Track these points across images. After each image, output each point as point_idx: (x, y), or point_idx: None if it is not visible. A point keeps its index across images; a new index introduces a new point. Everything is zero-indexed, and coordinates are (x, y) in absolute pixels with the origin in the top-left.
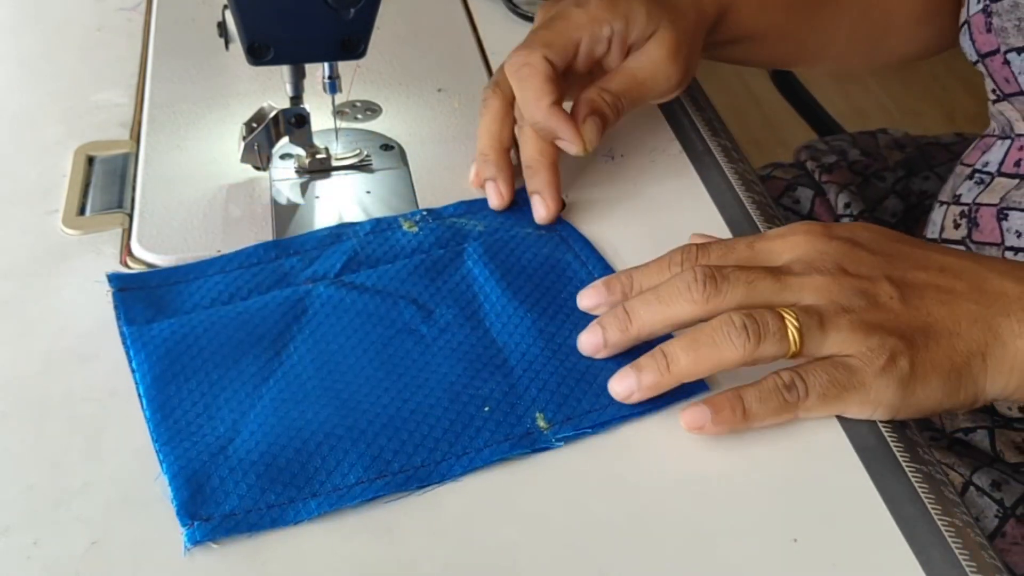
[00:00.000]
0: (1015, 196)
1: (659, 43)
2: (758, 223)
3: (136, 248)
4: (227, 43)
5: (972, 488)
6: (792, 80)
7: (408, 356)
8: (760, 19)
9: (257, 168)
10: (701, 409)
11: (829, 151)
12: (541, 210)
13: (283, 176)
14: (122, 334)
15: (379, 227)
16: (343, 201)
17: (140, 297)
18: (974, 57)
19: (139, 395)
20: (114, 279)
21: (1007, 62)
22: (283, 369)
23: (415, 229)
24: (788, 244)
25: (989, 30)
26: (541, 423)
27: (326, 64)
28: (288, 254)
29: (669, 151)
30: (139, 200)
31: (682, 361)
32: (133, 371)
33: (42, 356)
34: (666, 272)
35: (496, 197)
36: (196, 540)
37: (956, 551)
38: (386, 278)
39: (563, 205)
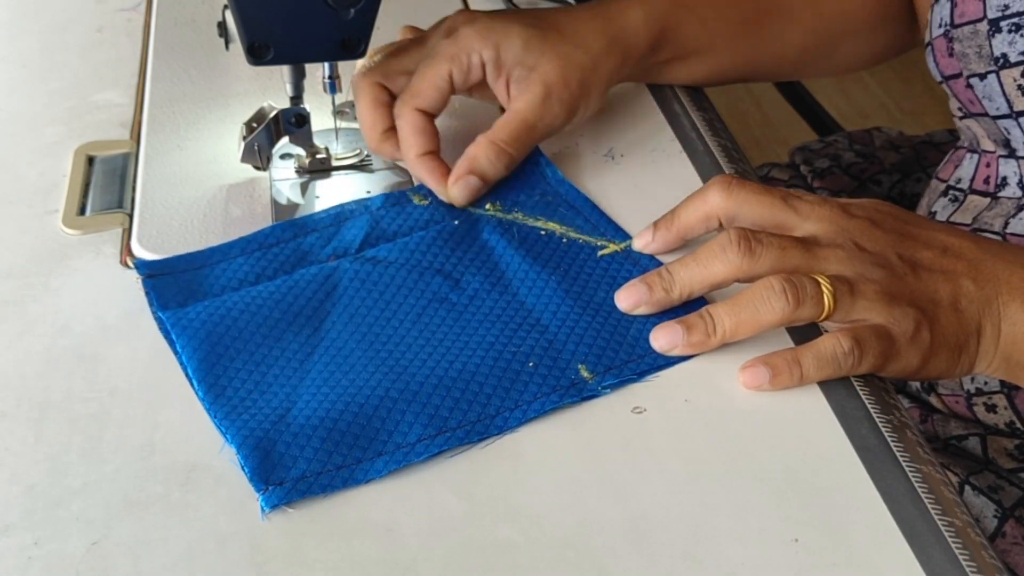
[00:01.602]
0: (986, 217)
1: (539, 79)
2: None
3: (136, 248)
4: (227, 43)
5: (969, 488)
6: (792, 80)
7: (444, 323)
8: (704, 34)
9: (257, 168)
10: (760, 370)
11: (823, 154)
12: (437, 189)
13: (283, 176)
14: (158, 319)
15: (389, 201)
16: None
17: (169, 283)
18: (938, 78)
19: (188, 376)
20: (142, 266)
21: (970, 86)
22: (325, 343)
23: (425, 202)
24: (814, 211)
25: (951, 54)
26: (585, 374)
27: (326, 64)
28: (305, 232)
29: (669, 151)
30: (139, 200)
31: (726, 323)
32: (177, 353)
33: (42, 356)
34: (701, 202)
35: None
36: (273, 504)
37: (956, 551)
38: (407, 251)
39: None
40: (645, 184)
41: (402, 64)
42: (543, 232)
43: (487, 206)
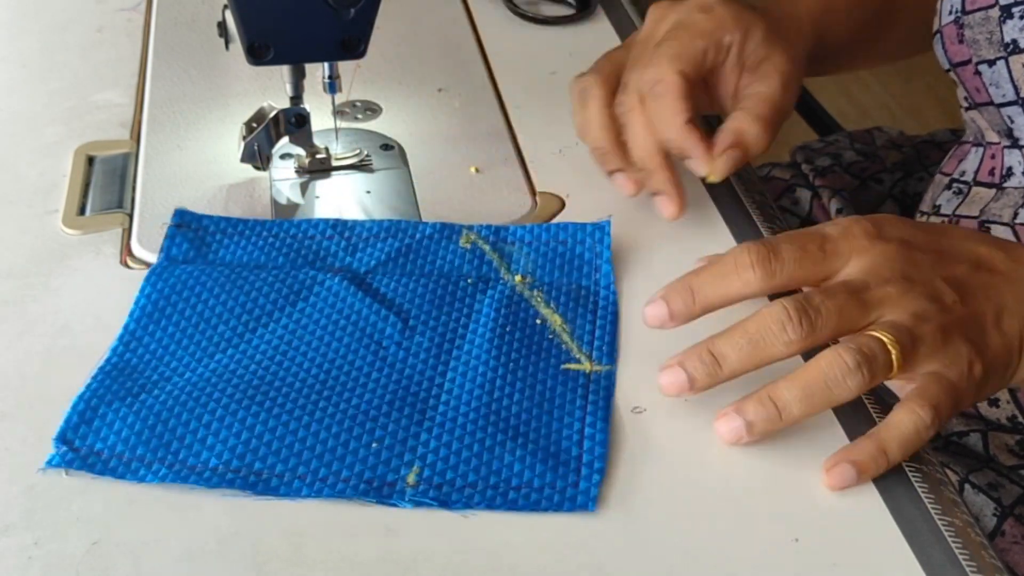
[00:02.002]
0: (994, 208)
1: (776, 69)
2: (758, 223)
3: (136, 248)
4: (227, 43)
5: (968, 486)
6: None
7: (352, 371)
8: (842, 33)
9: (257, 168)
10: (847, 469)
11: (824, 153)
12: (670, 208)
13: (283, 176)
14: (151, 269)
15: (439, 234)
16: (343, 201)
17: (188, 236)
18: (946, 65)
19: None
20: (178, 214)
21: (978, 73)
22: (243, 347)
23: (467, 246)
24: (853, 247)
25: (961, 41)
26: (411, 478)
27: (326, 64)
28: (342, 236)
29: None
30: (139, 200)
31: (795, 410)
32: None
33: (42, 356)
34: (737, 282)
35: (629, 185)
36: (51, 464)
37: (956, 551)
38: (400, 292)
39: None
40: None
41: (688, 38)
42: (538, 321)
43: (517, 277)
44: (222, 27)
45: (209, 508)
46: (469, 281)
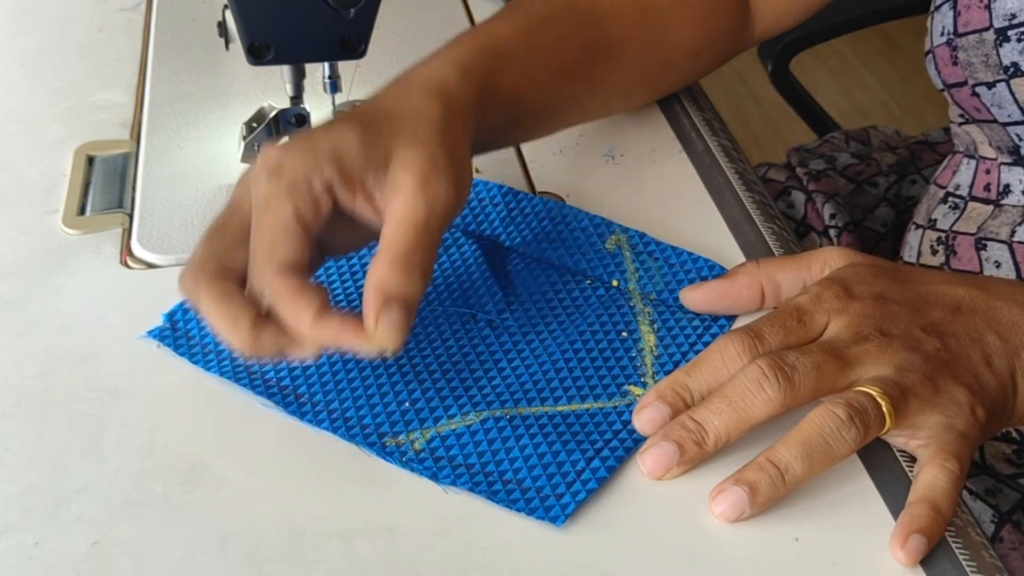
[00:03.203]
0: (992, 226)
1: (404, 171)
2: (758, 223)
3: (136, 248)
4: (227, 43)
5: (966, 492)
6: (792, 79)
7: (432, 325)
8: (529, 84)
9: None
10: (916, 538)
11: (819, 155)
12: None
13: None
14: None
15: (592, 229)
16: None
17: None
18: (940, 86)
19: None
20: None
21: (976, 94)
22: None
23: (612, 248)
24: (827, 309)
25: (955, 63)
26: (416, 444)
27: (326, 64)
28: (507, 206)
29: (669, 151)
30: (139, 200)
31: (798, 470)
32: None
33: (42, 356)
34: (721, 367)
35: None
36: (152, 335)
37: (956, 551)
38: (522, 276)
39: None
40: (645, 184)
41: (228, 237)
42: (631, 334)
43: (638, 292)
44: (222, 27)
45: (209, 508)
46: (588, 282)
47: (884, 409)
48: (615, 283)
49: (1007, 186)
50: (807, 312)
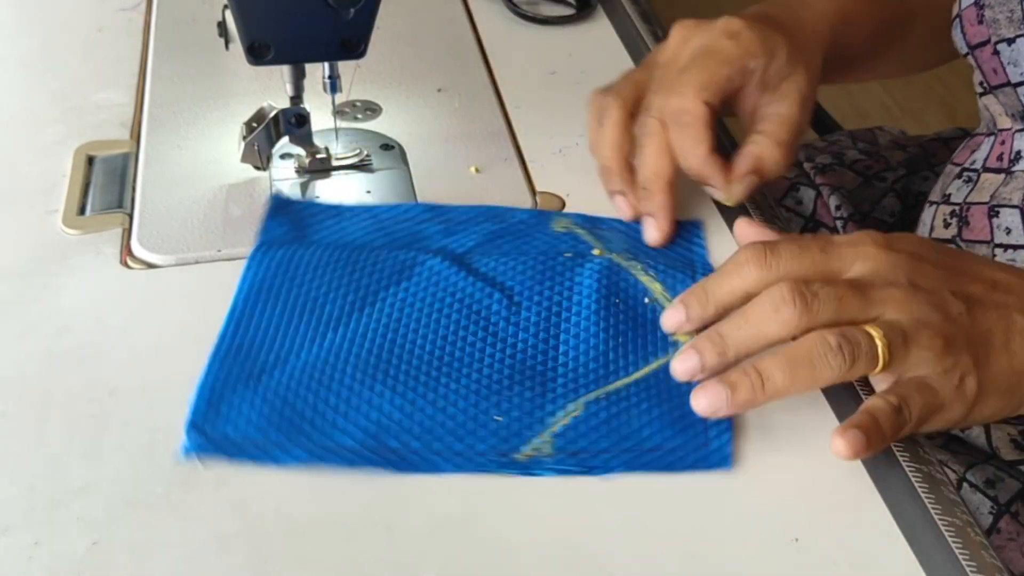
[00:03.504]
0: (1004, 192)
1: (795, 88)
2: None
3: (136, 248)
4: (227, 43)
5: (966, 485)
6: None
7: (466, 346)
8: (856, 39)
9: (257, 168)
10: (857, 434)
11: (827, 151)
12: (653, 232)
13: (283, 176)
14: (252, 253)
15: (531, 220)
16: (343, 201)
17: (287, 220)
18: (964, 49)
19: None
20: (274, 199)
21: (996, 52)
22: (353, 325)
23: (561, 230)
24: (859, 253)
25: (981, 22)
26: (546, 449)
27: (326, 64)
28: (439, 219)
29: None
30: (139, 200)
31: (778, 380)
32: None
33: (42, 356)
34: (737, 279)
35: (627, 209)
36: (187, 452)
37: (956, 551)
38: (500, 270)
39: (676, 227)
40: None
41: (716, 64)
42: (638, 286)
43: (614, 254)
44: (222, 27)
45: (209, 508)
46: (567, 255)
47: (879, 351)
48: (597, 251)
49: (1018, 152)
50: (835, 244)
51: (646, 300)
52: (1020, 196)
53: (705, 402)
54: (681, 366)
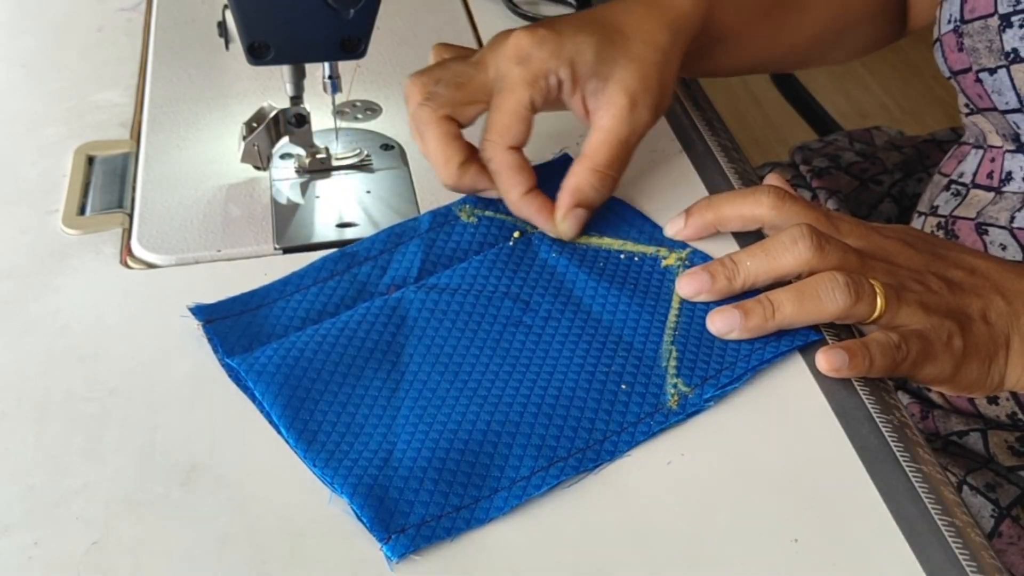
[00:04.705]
0: (991, 211)
1: (620, 90)
2: None
3: (136, 248)
4: (227, 43)
5: (966, 488)
6: (792, 80)
7: (525, 347)
8: (736, 21)
9: (257, 168)
10: (840, 353)
11: (823, 153)
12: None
13: (283, 176)
14: (227, 366)
15: (436, 221)
16: (343, 201)
17: (230, 326)
18: (947, 73)
19: (272, 423)
20: (198, 312)
21: (979, 80)
22: (408, 378)
23: (474, 220)
24: (854, 231)
25: (961, 49)
26: (683, 387)
27: (326, 64)
28: (359, 262)
29: (669, 151)
30: (139, 200)
31: (787, 309)
32: (256, 400)
33: (42, 356)
34: (751, 207)
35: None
36: (400, 553)
37: (956, 551)
38: (469, 276)
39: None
40: (645, 184)
41: (466, 93)
42: (600, 248)
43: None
44: (222, 27)
45: (209, 508)
46: (511, 243)
47: (878, 299)
48: (528, 230)
49: (1009, 173)
50: (836, 217)
51: (621, 256)
52: (1008, 217)
53: (720, 323)
54: (688, 281)
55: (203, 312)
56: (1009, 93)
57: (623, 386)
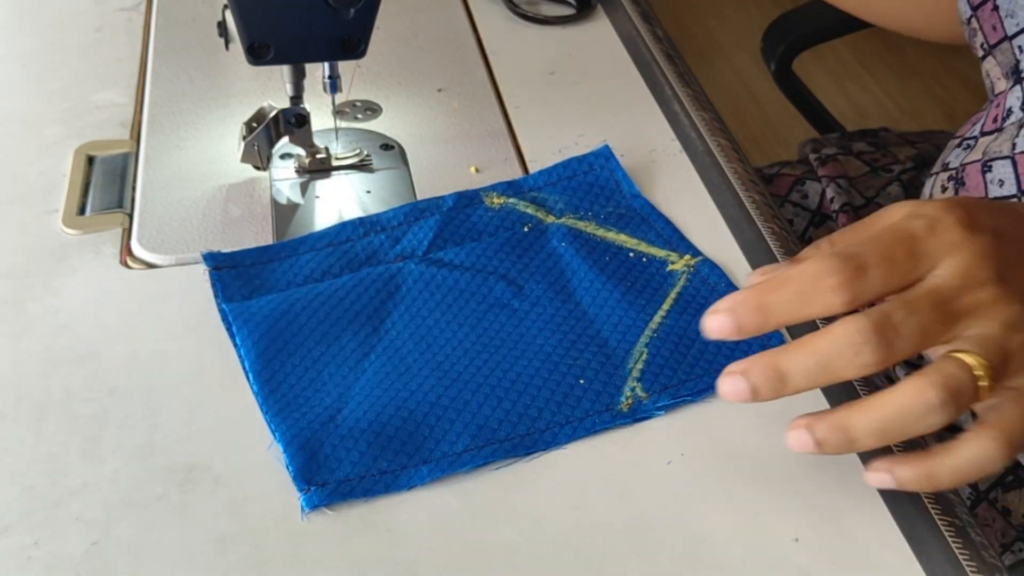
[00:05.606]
0: (993, 147)
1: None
2: (758, 222)
3: (136, 248)
4: (227, 43)
5: None
6: (793, 79)
7: (503, 329)
8: None
9: (257, 168)
10: (886, 477)
11: (834, 143)
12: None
13: (283, 176)
14: (222, 311)
15: (461, 202)
16: (343, 201)
17: (236, 275)
18: (968, 13)
19: (244, 369)
20: (209, 258)
21: (996, 8)
22: (383, 344)
23: (498, 203)
24: (945, 245)
25: None
26: (640, 392)
27: (326, 64)
28: (376, 231)
29: (669, 151)
30: (139, 200)
31: (868, 443)
32: (237, 346)
33: (42, 356)
34: (814, 298)
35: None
36: (314, 504)
37: (956, 551)
38: (473, 255)
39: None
40: (645, 184)
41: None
42: (613, 244)
43: (562, 217)
44: (222, 27)
45: (209, 508)
46: (526, 229)
47: (981, 385)
48: (550, 219)
49: (1009, 109)
50: (922, 242)
51: (631, 254)
52: (1009, 146)
53: (795, 442)
54: (730, 391)
55: (213, 259)
56: (1021, 13)
57: (581, 381)
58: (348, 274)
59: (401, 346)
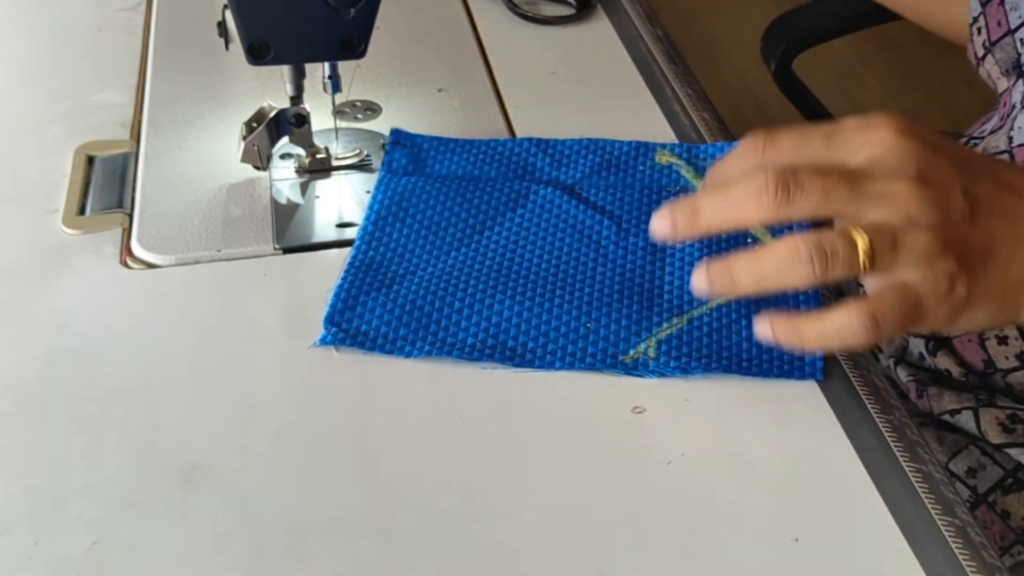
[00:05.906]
0: (992, 141)
1: None
2: None
3: (136, 248)
4: (227, 43)
5: (947, 473)
6: (793, 79)
7: (578, 265)
8: None
9: (257, 168)
10: (766, 325)
11: None
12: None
13: (283, 176)
14: (379, 178)
15: (634, 151)
16: (343, 201)
17: (406, 153)
18: (977, 11)
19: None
20: (394, 133)
21: (1003, 3)
22: (474, 246)
23: (664, 162)
24: (869, 139)
25: None
26: (651, 353)
27: (326, 64)
28: (545, 152)
29: None
30: (139, 200)
31: (747, 284)
32: (367, 207)
33: (42, 356)
34: (734, 170)
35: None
36: (326, 342)
37: (956, 551)
38: (608, 200)
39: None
40: None
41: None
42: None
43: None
44: (222, 27)
45: (209, 508)
46: (677, 190)
47: (860, 257)
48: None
49: (1013, 107)
50: (842, 132)
51: (748, 240)
52: (1006, 140)
53: (697, 282)
54: (656, 225)
55: (396, 135)
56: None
57: (612, 324)
58: (500, 182)
59: (484, 250)
